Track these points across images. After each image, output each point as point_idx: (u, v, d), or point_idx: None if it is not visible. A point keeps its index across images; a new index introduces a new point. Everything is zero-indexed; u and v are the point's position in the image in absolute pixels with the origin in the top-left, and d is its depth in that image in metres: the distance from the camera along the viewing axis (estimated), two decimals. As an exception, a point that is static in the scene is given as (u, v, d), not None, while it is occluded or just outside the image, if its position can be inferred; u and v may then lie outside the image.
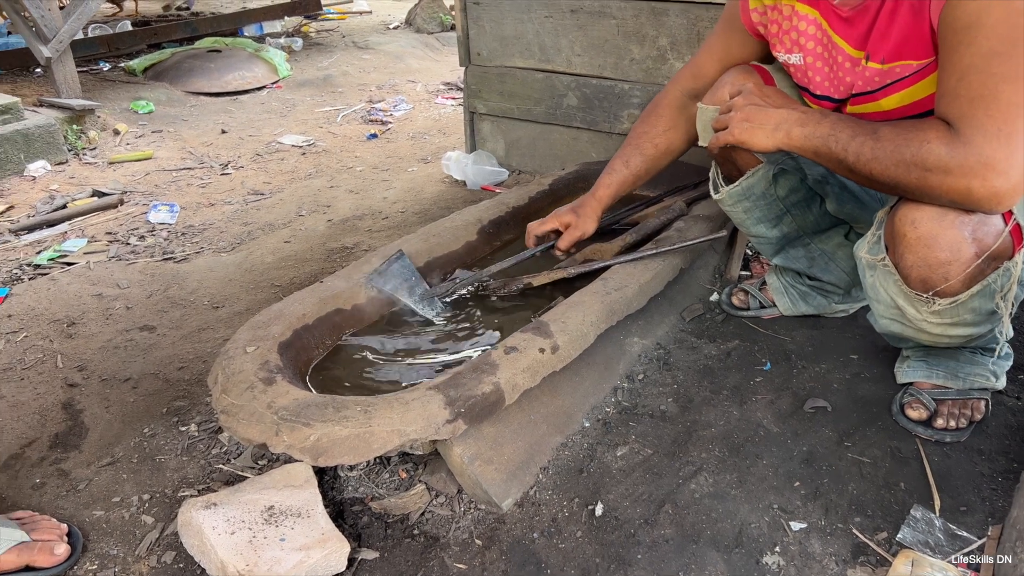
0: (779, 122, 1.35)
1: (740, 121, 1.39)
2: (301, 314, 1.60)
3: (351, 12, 7.13)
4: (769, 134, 1.36)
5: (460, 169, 3.03)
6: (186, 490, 1.44)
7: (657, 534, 1.30)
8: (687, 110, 1.74)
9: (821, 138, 1.30)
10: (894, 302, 1.37)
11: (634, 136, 1.81)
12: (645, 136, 1.79)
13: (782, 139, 1.35)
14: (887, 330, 1.48)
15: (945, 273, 1.25)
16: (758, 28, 1.57)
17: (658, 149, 1.78)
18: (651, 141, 1.78)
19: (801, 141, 1.33)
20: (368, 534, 1.33)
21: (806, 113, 1.34)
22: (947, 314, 1.31)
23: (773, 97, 1.41)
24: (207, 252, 2.50)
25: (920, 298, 1.31)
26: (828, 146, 1.29)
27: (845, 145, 1.26)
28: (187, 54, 4.83)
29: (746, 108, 1.39)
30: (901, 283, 1.32)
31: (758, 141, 1.37)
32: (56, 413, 1.68)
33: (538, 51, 2.76)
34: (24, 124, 3.25)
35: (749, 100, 1.41)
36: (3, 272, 2.36)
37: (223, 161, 3.44)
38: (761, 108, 1.38)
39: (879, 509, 1.34)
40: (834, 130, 1.28)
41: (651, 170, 1.81)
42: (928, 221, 1.24)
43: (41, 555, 1.25)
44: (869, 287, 1.42)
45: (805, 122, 1.33)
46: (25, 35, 3.61)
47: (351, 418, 1.24)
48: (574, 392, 1.60)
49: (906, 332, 1.43)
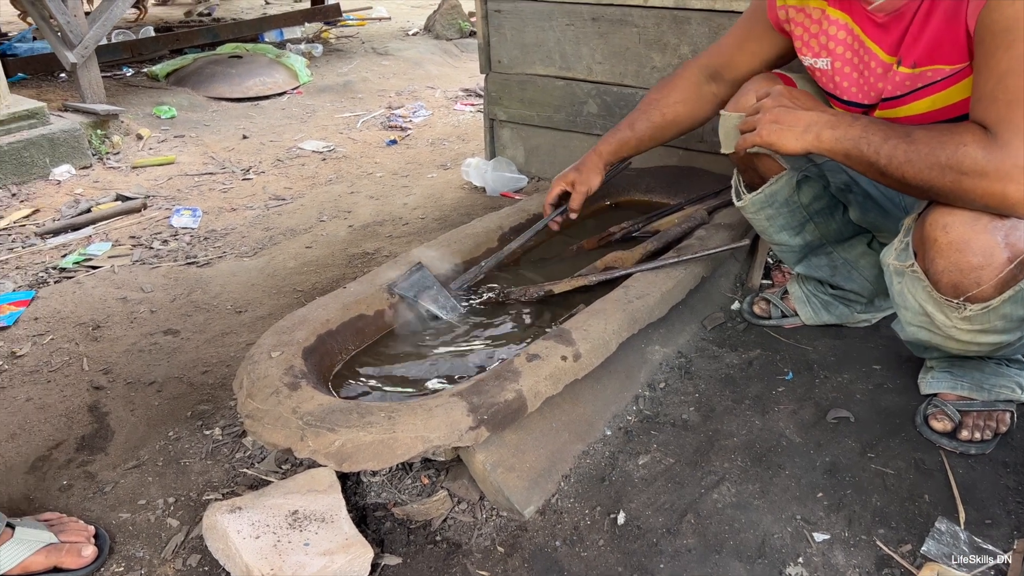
0: (808, 124, 1.34)
1: (768, 123, 1.38)
2: (325, 319, 1.61)
3: (370, 18, 7.17)
4: (798, 136, 1.35)
5: (480, 175, 3.04)
6: (211, 494, 1.45)
7: (680, 544, 1.30)
8: (701, 87, 1.77)
9: (852, 140, 1.29)
10: (923, 309, 1.36)
11: (645, 102, 1.84)
12: (655, 104, 1.81)
13: (811, 141, 1.34)
14: (914, 338, 1.47)
15: (977, 278, 1.24)
16: (783, 25, 1.58)
17: (665, 118, 1.80)
18: (659, 109, 1.80)
19: (831, 143, 1.32)
20: (391, 540, 1.33)
21: (836, 115, 1.33)
22: (978, 320, 1.30)
23: (802, 99, 1.40)
24: (229, 257, 2.52)
25: (950, 304, 1.30)
26: (859, 149, 1.28)
27: (877, 148, 1.25)
28: (209, 60, 4.88)
29: (775, 110, 1.38)
30: (931, 289, 1.31)
31: (786, 143, 1.36)
32: (82, 415, 1.70)
33: (559, 59, 2.77)
34: (50, 129, 3.30)
35: (778, 102, 1.39)
36: (29, 275, 2.39)
37: (244, 166, 3.47)
38: (790, 110, 1.37)
39: (903, 521, 1.34)
40: (866, 132, 1.27)
41: (655, 138, 1.84)
42: (960, 225, 1.23)
43: (69, 557, 1.27)
44: (897, 294, 1.41)
45: (835, 124, 1.31)
46: (51, 40, 3.66)
47: (375, 424, 1.25)
48: (595, 400, 1.60)
49: (934, 340, 1.42)
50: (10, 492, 1.48)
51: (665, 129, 1.81)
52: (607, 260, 1.93)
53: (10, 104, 3.29)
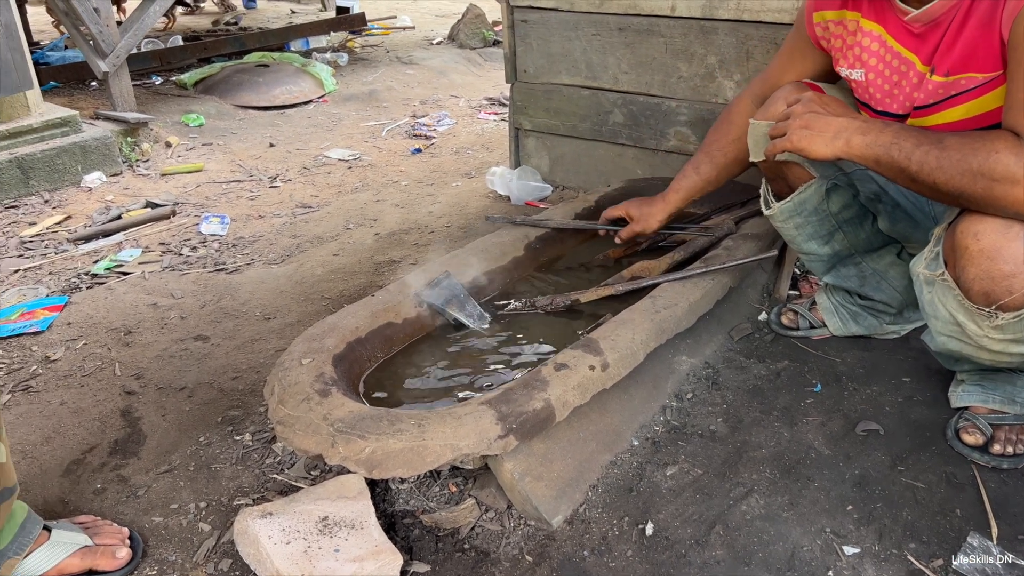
0: (839, 130, 1.34)
1: (799, 128, 1.38)
2: (354, 327, 1.63)
3: (395, 28, 7.22)
4: (828, 142, 1.35)
5: (504, 184, 3.05)
6: (241, 499, 1.47)
7: (708, 555, 1.30)
8: None
9: (883, 147, 1.29)
10: (953, 318, 1.34)
11: (706, 144, 1.86)
12: (715, 144, 1.83)
13: (842, 147, 1.33)
14: (944, 348, 1.46)
15: (1009, 286, 1.23)
16: (821, 42, 1.59)
17: (727, 157, 1.81)
18: (720, 149, 1.82)
19: (862, 150, 1.32)
20: (419, 547, 1.34)
21: (867, 122, 1.33)
22: (1010, 329, 1.29)
23: (832, 105, 1.40)
24: (258, 264, 2.55)
25: (982, 312, 1.29)
26: (891, 155, 1.28)
27: (909, 154, 1.25)
28: (236, 68, 4.94)
29: (805, 116, 1.38)
30: (962, 298, 1.30)
31: (816, 149, 1.36)
32: (115, 420, 1.73)
33: (585, 68, 2.78)
34: (82, 136, 3.35)
35: (808, 108, 1.40)
36: (62, 280, 2.43)
37: (271, 174, 3.50)
38: (820, 116, 1.37)
39: (934, 535, 1.33)
40: (897, 139, 1.27)
41: (720, 178, 1.85)
42: (992, 233, 1.22)
43: (103, 559, 1.28)
44: (927, 304, 1.40)
45: (866, 130, 1.32)
46: (84, 50, 3.72)
47: (405, 431, 1.26)
48: (623, 410, 1.60)
49: (965, 350, 1.40)
50: (45, 495, 1.50)
51: (730, 167, 1.83)
52: (634, 270, 1.93)
53: (44, 112, 3.35)
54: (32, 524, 1.26)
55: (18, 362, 1.97)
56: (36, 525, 1.26)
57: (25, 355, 2.00)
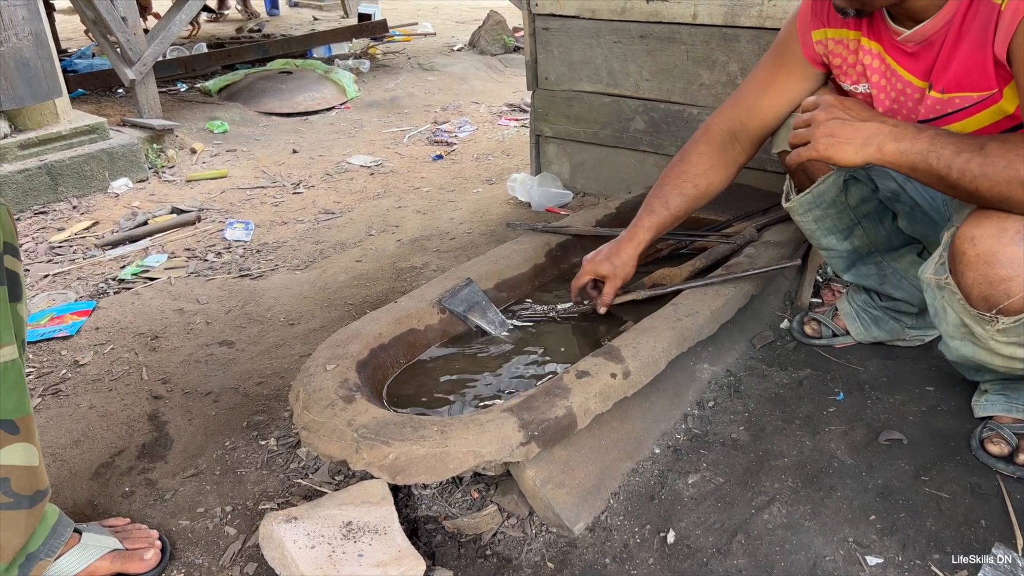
0: (868, 136, 1.29)
1: (824, 136, 1.33)
2: (377, 333, 1.64)
3: (416, 34, 7.26)
4: (858, 149, 1.30)
5: (525, 191, 3.07)
6: (266, 503, 1.49)
7: (730, 564, 1.30)
8: (726, 149, 1.71)
9: (920, 154, 1.25)
10: (961, 322, 1.35)
11: (674, 175, 1.75)
12: (685, 176, 1.74)
13: (873, 154, 1.29)
14: (958, 353, 1.44)
15: (1007, 290, 1.23)
16: (822, 59, 1.58)
17: (698, 189, 1.73)
18: (691, 181, 1.73)
19: (896, 157, 1.28)
20: (442, 553, 1.35)
21: (897, 126, 1.29)
22: (1013, 333, 1.28)
23: (856, 109, 1.35)
24: (282, 269, 2.58)
25: (984, 317, 1.29)
26: (928, 163, 1.25)
27: (948, 162, 1.22)
28: (259, 75, 4.99)
29: (829, 123, 1.33)
30: (964, 302, 1.30)
31: (845, 156, 1.31)
32: (143, 424, 1.75)
33: (606, 75, 2.78)
34: (109, 143, 3.41)
35: (831, 114, 1.34)
36: (90, 286, 2.47)
37: (295, 180, 3.54)
38: (846, 122, 1.32)
39: (959, 546, 1.32)
40: (934, 146, 1.24)
41: (690, 210, 1.76)
42: (987, 238, 1.23)
43: (132, 562, 1.31)
44: (939, 308, 1.39)
45: (899, 136, 1.27)
46: (111, 58, 3.78)
47: (428, 438, 1.27)
48: (644, 418, 1.60)
49: (978, 355, 1.39)
50: (75, 498, 1.53)
51: (699, 200, 1.74)
52: (655, 277, 1.94)
53: (72, 119, 3.41)
54: (63, 527, 1.28)
55: (48, 366, 2.00)
56: (67, 528, 1.29)
57: (55, 359, 2.04)
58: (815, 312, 1.98)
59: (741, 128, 1.69)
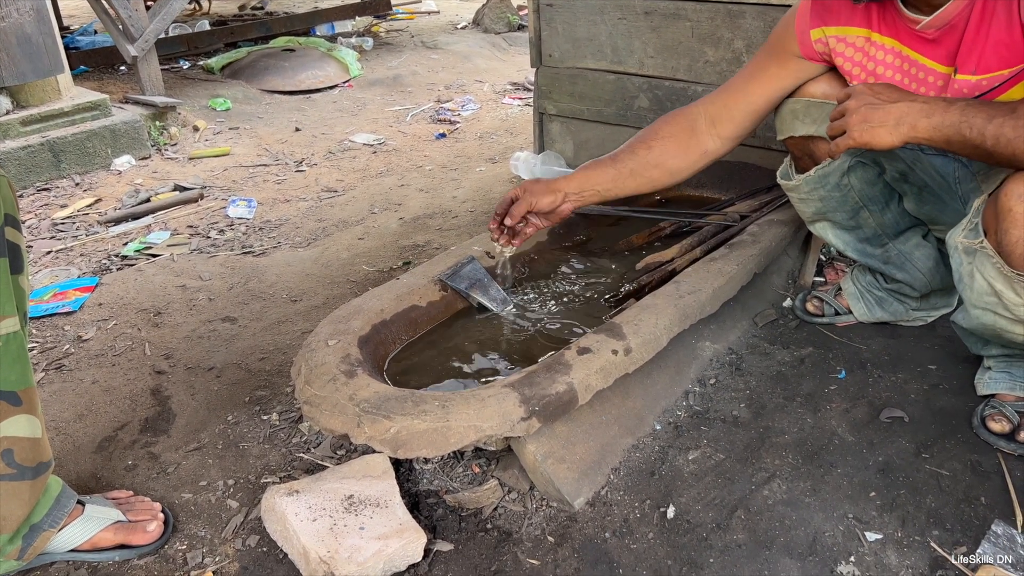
0: (900, 116, 1.29)
1: (858, 123, 1.32)
2: (379, 309, 1.64)
3: (420, 12, 7.21)
4: (891, 131, 1.30)
5: (528, 169, 3.05)
6: (268, 477, 1.49)
7: (730, 539, 1.30)
8: (697, 126, 1.70)
9: (953, 127, 1.25)
10: (992, 288, 1.32)
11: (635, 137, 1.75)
12: (642, 138, 1.73)
13: (907, 133, 1.29)
14: (978, 322, 1.42)
15: None
16: (823, 57, 1.57)
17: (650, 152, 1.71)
18: (645, 143, 1.72)
19: (929, 132, 1.28)
20: (443, 526, 1.36)
21: (927, 102, 1.29)
22: None
23: (885, 92, 1.34)
24: (284, 247, 2.58)
25: (1022, 278, 1.27)
26: (962, 134, 1.24)
27: (981, 129, 1.22)
28: (262, 53, 4.97)
29: (861, 110, 1.33)
30: (1001, 265, 1.28)
31: (881, 139, 1.31)
32: (145, 399, 1.76)
33: (610, 53, 2.76)
34: (111, 120, 3.40)
35: (862, 100, 1.34)
36: (93, 262, 2.47)
37: (297, 158, 3.53)
38: (876, 106, 1.32)
39: (958, 523, 1.32)
40: (965, 116, 1.24)
41: (636, 173, 1.71)
42: None
43: (135, 534, 1.32)
44: (965, 275, 1.37)
45: (930, 112, 1.27)
46: (113, 34, 3.77)
47: (429, 412, 1.28)
48: (645, 394, 1.60)
49: (999, 324, 1.37)
50: (79, 471, 1.54)
51: (647, 169, 1.70)
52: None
53: (74, 96, 3.40)
54: (66, 498, 1.29)
55: (51, 341, 2.01)
56: (70, 499, 1.30)
57: (58, 334, 2.04)
58: (818, 291, 1.97)
59: (724, 110, 1.68)
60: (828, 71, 1.61)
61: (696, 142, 1.71)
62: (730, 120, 1.68)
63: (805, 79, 1.62)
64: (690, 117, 1.72)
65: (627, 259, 2.04)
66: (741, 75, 1.70)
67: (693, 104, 1.74)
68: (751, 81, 1.67)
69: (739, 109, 1.67)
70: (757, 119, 1.69)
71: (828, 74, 1.61)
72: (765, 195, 2.18)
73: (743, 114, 1.67)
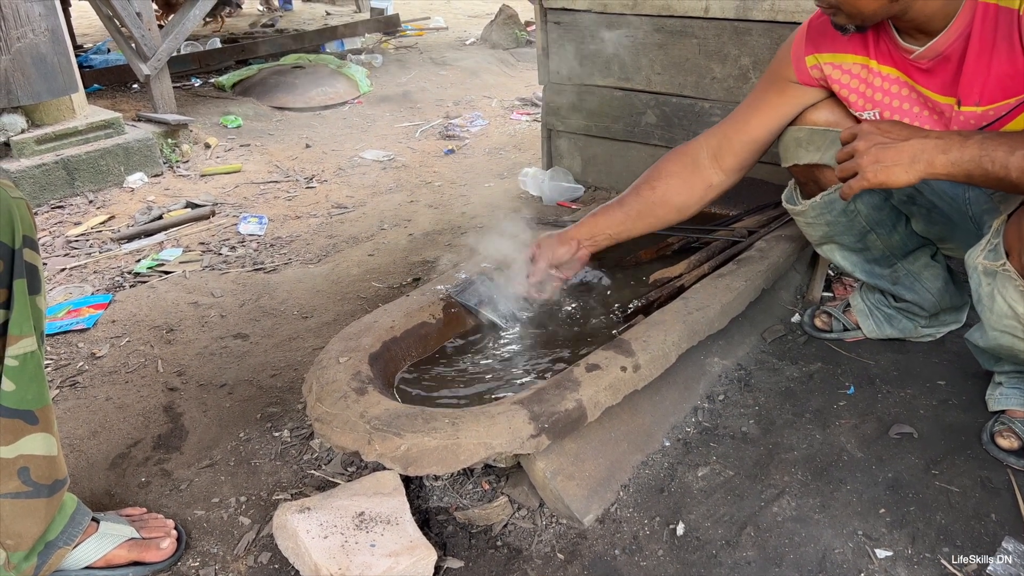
0: (915, 154, 1.27)
1: (870, 164, 1.29)
2: (390, 326, 1.66)
3: (428, 29, 7.27)
4: (907, 169, 1.27)
5: (536, 185, 3.07)
6: (280, 494, 1.50)
7: (739, 556, 1.31)
8: (700, 161, 1.71)
9: (973, 161, 1.23)
10: (1013, 311, 1.31)
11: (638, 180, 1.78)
12: (646, 180, 1.76)
13: (924, 170, 1.27)
14: (995, 343, 1.41)
15: None
16: (819, 83, 1.58)
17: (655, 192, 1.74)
18: (649, 183, 1.75)
19: (948, 168, 1.25)
20: (453, 543, 1.37)
21: (941, 137, 1.27)
22: None
23: (895, 130, 1.32)
24: (295, 263, 2.60)
25: None
26: (983, 168, 1.23)
27: (1004, 162, 1.21)
28: (273, 70, 5.01)
29: (872, 150, 1.30)
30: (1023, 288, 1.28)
31: (897, 178, 1.28)
32: (158, 415, 1.78)
33: (618, 69, 2.78)
34: (125, 138, 3.43)
35: (871, 141, 1.31)
36: (107, 279, 2.50)
37: (308, 175, 3.56)
38: (887, 146, 1.29)
39: (968, 540, 1.32)
40: (984, 150, 1.22)
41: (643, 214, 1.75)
42: None
43: (149, 551, 1.33)
44: (985, 296, 1.35)
45: (947, 148, 1.25)
46: (126, 53, 3.81)
47: (440, 429, 1.29)
48: (654, 411, 1.61)
49: (1017, 346, 1.37)
50: (92, 487, 1.55)
51: (654, 209, 1.73)
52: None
53: (88, 114, 3.44)
54: (81, 515, 1.30)
55: (65, 358, 2.03)
56: (85, 516, 1.31)
57: (72, 351, 2.06)
58: (826, 306, 1.98)
59: (725, 142, 1.69)
60: (829, 97, 1.60)
61: (700, 178, 1.72)
62: (731, 152, 1.69)
63: (806, 105, 1.62)
64: (692, 153, 1.73)
65: (635, 274, 2.05)
66: (742, 106, 1.70)
67: (695, 139, 1.75)
68: (751, 112, 1.67)
69: (740, 141, 1.68)
70: (759, 149, 1.69)
71: (829, 100, 1.60)
72: (773, 211, 2.19)
73: (744, 145, 1.68)
